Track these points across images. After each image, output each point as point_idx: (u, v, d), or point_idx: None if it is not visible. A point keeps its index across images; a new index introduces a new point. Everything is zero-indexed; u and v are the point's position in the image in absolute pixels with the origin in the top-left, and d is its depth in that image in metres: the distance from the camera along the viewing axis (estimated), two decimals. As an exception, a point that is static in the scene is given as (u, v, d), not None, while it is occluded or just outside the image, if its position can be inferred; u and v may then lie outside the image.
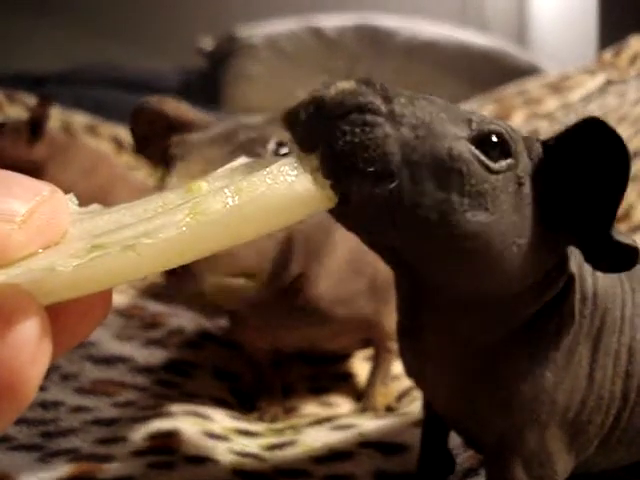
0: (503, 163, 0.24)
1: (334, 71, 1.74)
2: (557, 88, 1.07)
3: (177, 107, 0.46)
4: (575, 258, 0.29)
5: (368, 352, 0.55)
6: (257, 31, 1.78)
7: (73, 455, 0.40)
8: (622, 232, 0.25)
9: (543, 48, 2.13)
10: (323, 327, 0.46)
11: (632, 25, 1.17)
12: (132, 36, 1.96)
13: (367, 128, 0.22)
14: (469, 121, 0.24)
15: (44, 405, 0.45)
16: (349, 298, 0.45)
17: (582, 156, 0.25)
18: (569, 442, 0.30)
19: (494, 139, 0.24)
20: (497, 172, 0.24)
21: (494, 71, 1.70)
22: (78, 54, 1.78)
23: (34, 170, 0.77)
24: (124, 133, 1.08)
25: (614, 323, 0.30)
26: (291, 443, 0.43)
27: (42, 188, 0.18)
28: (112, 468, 0.38)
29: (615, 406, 0.30)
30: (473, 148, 0.24)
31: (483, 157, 0.24)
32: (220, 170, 0.21)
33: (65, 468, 0.38)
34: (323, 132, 0.22)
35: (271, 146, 0.39)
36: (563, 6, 2.07)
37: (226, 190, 0.19)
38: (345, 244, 0.43)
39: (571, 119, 0.90)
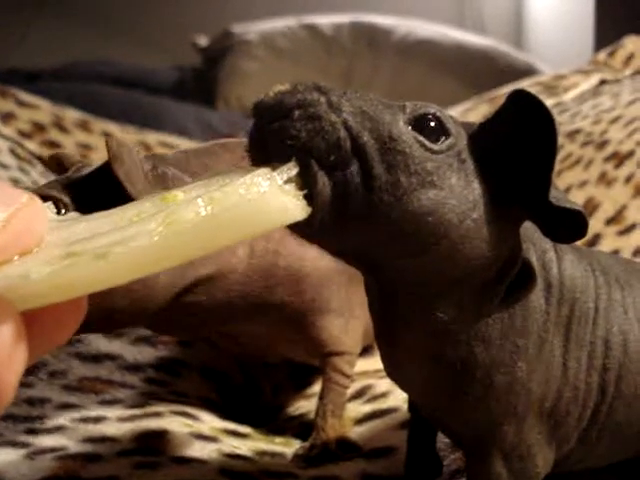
0: (442, 143, 0.25)
1: (330, 68, 1.74)
2: (551, 88, 1.07)
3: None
4: (536, 247, 0.29)
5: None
6: (252, 28, 1.77)
7: (59, 453, 0.40)
8: (567, 199, 0.25)
9: (540, 50, 2.13)
10: (251, 325, 0.44)
11: (628, 27, 1.17)
12: (127, 33, 1.95)
13: (315, 121, 0.23)
14: (403, 107, 0.26)
15: (30, 402, 0.45)
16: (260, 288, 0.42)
17: (514, 128, 0.26)
18: (548, 434, 0.30)
19: (430, 121, 0.26)
20: (438, 152, 0.25)
21: (491, 71, 1.70)
22: (73, 51, 1.78)
23: None
24: (116, 129, 1.08)
25: (586, 314, 0.30)
26: (281, 455, 0.43)
27: (20, 195, 0.18)
28: (98, 467, 0.38)
29: (592, 399, 0.30)
30: (410, 129, 0.25)
31: (421, 137, 0.25)
32: (198, 180, 0.21)
33: (50, 466, 0.38)
34: (274, 137, 0.23)
35: None
36: (560, 9, 2.08)
37: (199, 200, 0.19)
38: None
39: (565, 119, 0.90)
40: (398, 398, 0.46)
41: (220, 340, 0.47)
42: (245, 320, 0.43)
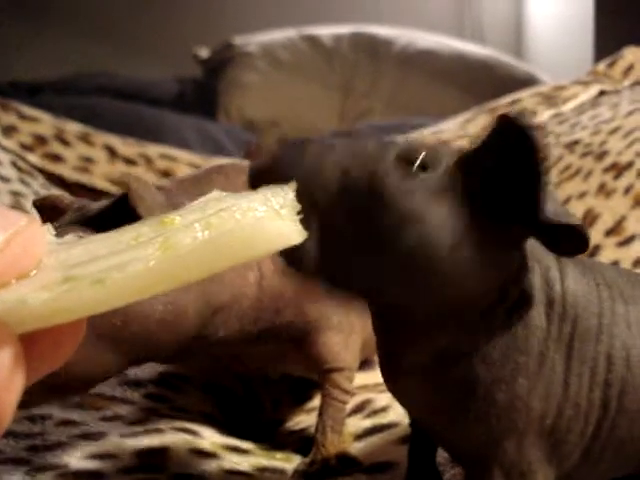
0: (427, 174, 0.26)
1: (330, 79, 1.74)
2: (550, 99, 1.07)
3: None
4: (540, 265, 0.30)
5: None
6: (253, 39, 1.78)
7: (60, 470, 0.40)
8: (567, 212, 0.25)
9: (540, 60, 2.13)
10: (271, 349, 0.44)
11: (628, 37, 1.17)
12: (128, 45, 1.96)
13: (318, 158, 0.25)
14: (391, 144, 0.26)
15: (31, 418, 0.45)
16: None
17: (503, 151, 0.26)
18: (549, 451, 0.30)
19: (413, 154, 0.26)
20: (421, 186, 0.25)
21: (491, 81, 1.70)
22: (74, 63, 1.78)
23: None
24: (117, 142, 1.08)
25: (589, 330, 0.30)
26: (282, 471, 0.43)
27: (20, 218, 0.18)
28: (99, 484, 0.38)
29: (594, 415, 0.30)
30: (393, 167, 0.25)
31: (402, 172, 0.25)
32: (194, 202, 0.21)
33: (51, 484, 0.38)
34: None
35: None
36: (560, 18, 2.08)
37: (196, 225, 0.19)
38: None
39: (564, 129, 0.90)
40: (398, 412, 0.46)
41: (221, 357, 0.48)
42: (254, 345, 0.43)
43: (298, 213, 0.21)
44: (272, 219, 0.20)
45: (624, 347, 0.30)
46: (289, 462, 0.45)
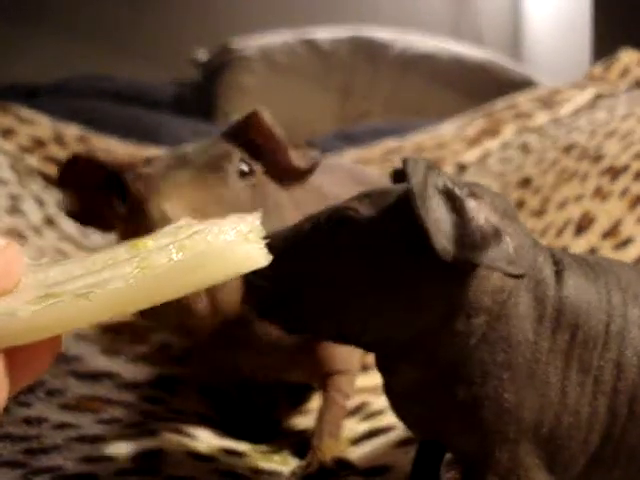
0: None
1: (329, 83, 1.74)
2: (547, 102, 1.07)
3: (108, 151, 0.46)
4: (530, 281, 0.29)
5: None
6: (251, 43, 1.78)
7: (56, 473, 0.40)
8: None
9: (538, 62, 2.14)
10: (272, 356, 0.44)
11: (626, 39, 1.18)
12: (126, 48, 1.96)
13: None
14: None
15: (28, 421, 0.45)
16: None
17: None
18: (549, 458, 0.30)
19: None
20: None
21: (489, 83, 1.71)
22: (73, 66, 1.78)
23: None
24: (116, 145, 1.08)
25: (593, 337, 0.30)
26: (278, 474, 0.43)
27: None
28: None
29: (600, 422, 0.30)
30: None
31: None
32: (166, 228, 0.23)
33: (47, 487, 0.38)
34: None
35: (235, 163, 0.40)
36: (557, 20, 2.09)
37: (171, 247, 0.21)
38: None
39: (560, 133, 0.90)
40: (394, 416, 0.46)
41: (219, 361, 0.48)
42: (259, 355, 0.44)
43: (264, 238, 0.23)
44: (241, 243, 0.22)
45: (636, 353, 0.30)
46: (286, 465, 0.45)
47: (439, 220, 0.26)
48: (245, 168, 0.40)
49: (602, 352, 0.30)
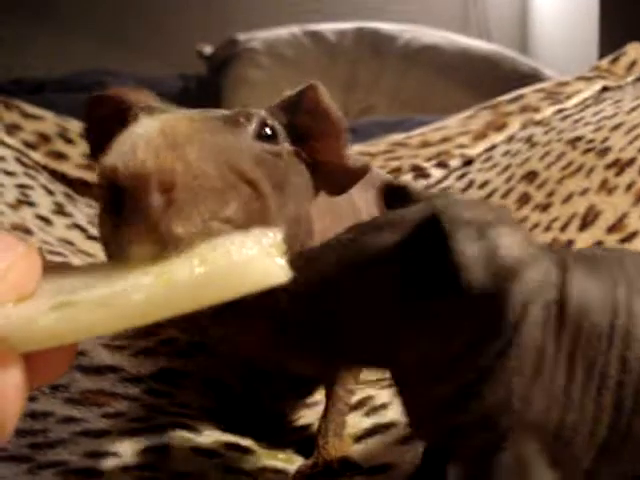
0: None
1: (334, 75, 1.74)
2: (553, 94, 1.07)
3: (140, 95, 0.38)
4: (526, 284, 0.29)
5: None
6: (257, 35, 1.78)
7: (61, 468, 0.40)
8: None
9: (545, 56, 2.13)
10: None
11: (634, 33, 1.17)
12: (131, 42, 1.96)
13: None
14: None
15: (33, 415, 0.45)
16: None
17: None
18: (556, 453, 0.30)
19: None
20: None
21: (496, 76, 1.70)
22: (77, 61, 1.79)
23: None
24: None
25: (597, 334, 0.29)
26: (283, 472, 0.43)
27: (18, 245, 0.20)
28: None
29: (606, 414, 0.29)
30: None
31: None
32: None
33: (52, 481, 0.38)
34: None
35: (254, 123, 0.31)
36: (565, 14, 2.08)
37: (193, 260, 0.22)
38: None
39: (566, 125, 0.90)
40: (398, 410, 0.46)
41: (221, 348, 0.48)
42: None
43: (285, 254, 0.23)
44: (262, 258, 0.22)
45: None
46: (291, 463, 0.45)
47: (468, 251, 0.25)
48: (267, 131, 0.32)
49: (607, 348, 0.29)
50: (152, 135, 0.25)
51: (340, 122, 0.34)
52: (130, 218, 0.24)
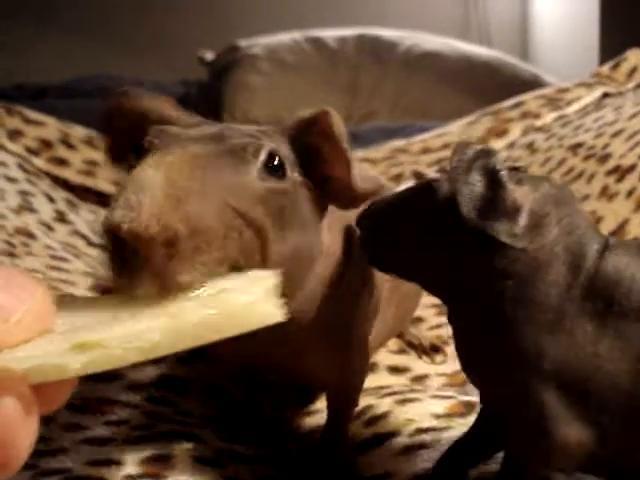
0: None
1: (335, 81, 1.74)
2: (554, 101, 1.07)
3: (160, 103, 0.39)
4: (568, 254, 0.32)
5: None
6: (258, 42, 1.78)
7: (64, 475, 0.40)
8: None
9: (546, 62, 2.13)
10: (287, 342, 0.40)
11: (634, 39, 1.17)
12: (133, 48, 1.97)
13: None
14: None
15: (36, 423, 0.45)
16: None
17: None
18: (583, 412, 0.31)
19: None
20: None
21: (497, 82, 1.70)
22: (79, 66, 1.79)
23: None
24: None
25: (634, 311, 0.31)
26: None
27: (36, 288, 0.22)
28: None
29: (628, 381, 0.31)
30: None
31: None
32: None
33: (55, 489, 0.38)
34: None
35: (262, 157, 0.32)
36: (566, 20, 2.08)
37: (203, 303, 0.25)
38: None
39: (567, 132, 0.90)
40: (398, 420, 0.46)
41: (223, 358, 0.48)
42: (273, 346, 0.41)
43: (280, 296, 0.25)
44: (263, 302, 0.25)
45: None
46: (292, 473, 0.45)
47: (472, 192, 0.31)
48: (275, 163, 0.33)
49: (636, 319, 0.31)
50: (155, 188, 0.27)
51: (347, 152, 0.35)
52: (135, 267, 0.26)
